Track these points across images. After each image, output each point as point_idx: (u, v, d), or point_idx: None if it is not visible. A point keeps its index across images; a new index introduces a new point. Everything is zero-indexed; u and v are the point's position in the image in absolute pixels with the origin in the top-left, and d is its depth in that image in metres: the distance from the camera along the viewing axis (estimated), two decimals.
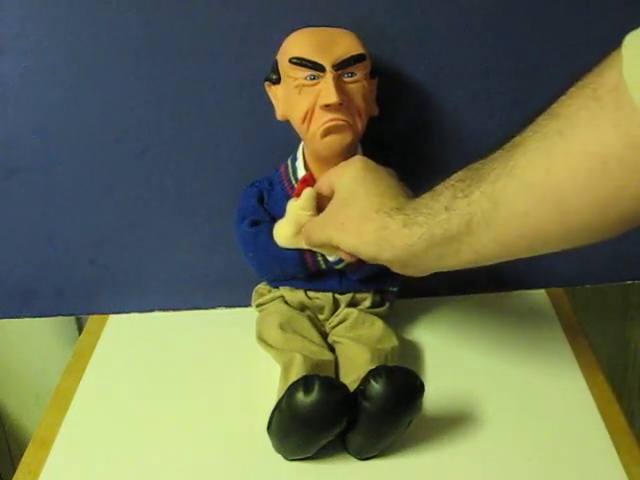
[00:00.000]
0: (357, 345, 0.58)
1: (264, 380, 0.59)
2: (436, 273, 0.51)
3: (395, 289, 0.64)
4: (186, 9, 0.60)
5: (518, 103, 0.64)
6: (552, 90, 0.64)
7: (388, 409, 0.49)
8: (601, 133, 0.36)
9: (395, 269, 0.51)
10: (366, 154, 0.61)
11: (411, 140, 0.66)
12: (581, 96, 0.38)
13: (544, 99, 0.64)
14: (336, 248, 0.53)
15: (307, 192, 0.56)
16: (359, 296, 0.62)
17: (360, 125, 0.56)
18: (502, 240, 0.42)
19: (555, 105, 0.40)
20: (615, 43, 0.61)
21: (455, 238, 0.44)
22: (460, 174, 0.45)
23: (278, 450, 0.53)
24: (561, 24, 0.61)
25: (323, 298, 0.61)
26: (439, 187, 0.46)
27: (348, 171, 0.52)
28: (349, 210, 0.50)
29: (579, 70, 0.63)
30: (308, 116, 0.55)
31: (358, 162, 0.53)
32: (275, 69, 0.57)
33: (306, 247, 0.57)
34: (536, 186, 0.39)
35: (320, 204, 0.56)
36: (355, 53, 0.55)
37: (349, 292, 0.61)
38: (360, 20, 0.59)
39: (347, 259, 0.54)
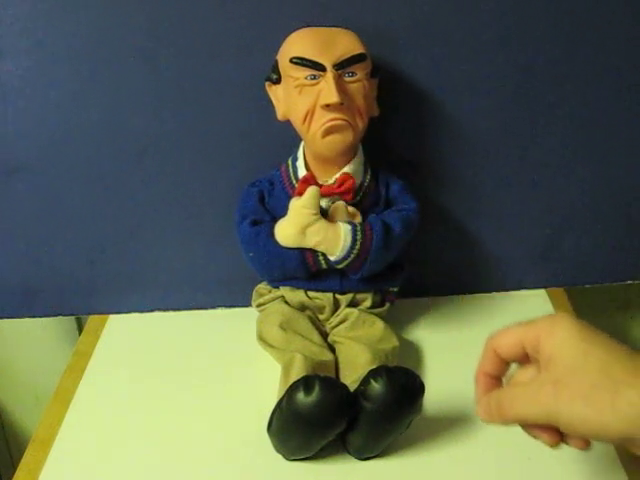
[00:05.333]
0: (357, 345, 0.58)
1: (264, 380, 0.59)
2: (436, 271, 0.50)
3: (395, 289, 0.64)
4: (186, 9, 0.60)
5: (518, 103, 0.64)
6: (552, 90, 0.64)
7: (388, 409, 0.49)
8: None
9: None
10: (366, 154, 0.61)
11: (411, 140, 0.65)
12: None
13: (544, 99, 0.64)
14: (540, 426, 0.42)
15: (311, 191, 0.56)
16: (359, 296, 0.62)
17: (361, 125, 0.56)
18: None
19: None
20: (614, 43, 0.61)
21: None
22: None
23: (278, 450, 0.53)
24: (562, 24, 0.61)
25: (323, 298, 0.61)
26: None
27: (565, 329, 0.41)
28: (590, 377, 0.38)
29: (579, 70, 0.63)
30: (309, 116, 0.55)
31: (570, 318, 0.42)
32: (275, 69, 0.57)
33: (308, 246, 0.57)
34: None
35: (495, 372, 0.45)
36: (356, 53, 0.55)
37: (349, 292, 0.61)
38: (360, 20, 0.59)
39: (550, 443, 0.42)
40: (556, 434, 0.41)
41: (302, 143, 0.60)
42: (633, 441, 0.38)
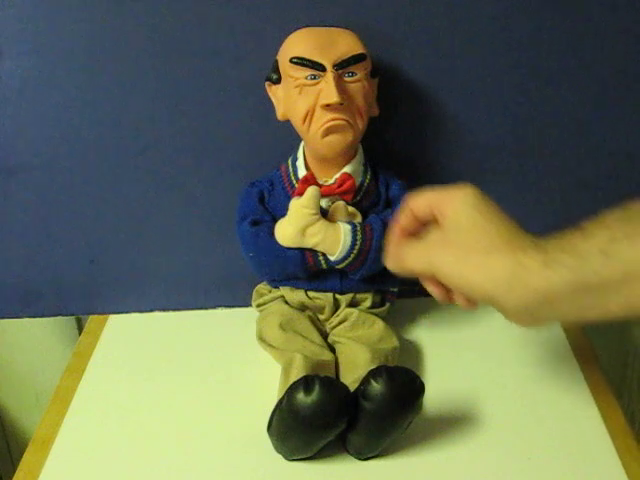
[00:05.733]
0: (357, 345, 0.58)
1: (264, 380, 0.59)
2: None
3: (395, 289, 0.64)
4: (186, 9, 0.60)
5: (518, 103, 0.64)
6: (553, 90, 0.64)
7: (388, 409, 0.49)
8: None
9: (512, 316, 0.45)
10: (366, 154, 0.61)
11: (411, 140, 0.65)
12: None
13: (544, 99, 0.64)
14: (432, 280, 0.48)
15: (311, 191, 0.56)
16: (359, 296, 0.62)
17: (361, 125, 0.56)
18: None
19: None
20: (617, 43, 0.61)
21: (609, 287, 0.39)
22: (617, 214, 0.40)
23: (278, 450, 0.53)
24: (561, 24, 0.61)
25: (323, 298, 0.61)
26: (589, 226, 0.41)
27: (464, 197, 0.46)
28: (472, 240, 0.44)
29: (579, 70, 0.63)
30: (309, 116, 0.55)
31: (474, 189, 0.47)
32: (275, 69, 0.57)
33: (308, 246, 0.57)
34: None
35: (409, 227, 0.50)
36: (356, 53, 0.55)
37: (349, 292, 0.61)
38: (360, 20, 0.59)
39: (439, 296, 0.49)
40: (444, 289, 0.48)
41: (302, 143, 0.60)
42: (498, 303, 0.43)
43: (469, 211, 0.45)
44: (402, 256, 0.49)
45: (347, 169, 0.58)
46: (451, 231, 0.46)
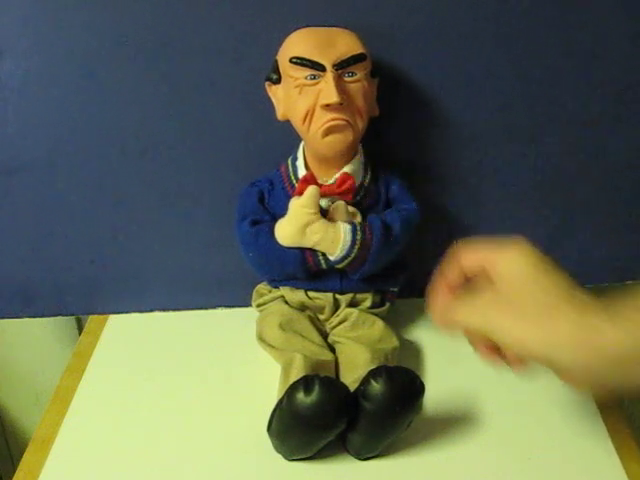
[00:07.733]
0: (357, 345, 0.58)
1: (264, 380, 0.59)
2: (436, 271, 0.50)
3: (395, 289, 0.64)
4: (186, 9, 0.60)
5: (518, 103, 0.64)
6: (553, 90, 0.64)
7: (388, 409, 0.49)
8: None
9: (572, 380, 0.43)
10: (366, 154, 0.61)
11: (411, 140, 0.66)
12: None
13: (543, 99, 0.65)
14: (480, 338, 0.47)
15: (311, 190, 0.56)
16: (359, 296, 0.62)
17: (361, 125, 0.56)
18: None
19: None
20: (616, 42, 0.61)
21: None
22: None
23: (278, 450, 0.53)
24: (561, 25, 0.61)
25: (323, 298, 0.61)
26: None
27: (519, 255, 0.45)
28: (530, 300, 0.43)
29: (579, 71, 0.63)
30: (309, 116, 0.55)
31: (528, 246, 0.45)
32: (275, 69, 0.57)
33: (307, 246, 0.57)
34: None
35: (456, 282, 0.49)
36: (355, 53, 0.55)
37: (349, 292, 0.61)
38: (360, 20, 0.59)
39: (486, 356, 0.48)
40: (493, 350, 0.47)
41: (302, 143, 0.60)
42: (559, 366, 0.42)
43: (525, 270, 0.44)
44: (452, 312, 0.48)
45: (347, 169, 0.58)
46: (508, 291, 0.44)
